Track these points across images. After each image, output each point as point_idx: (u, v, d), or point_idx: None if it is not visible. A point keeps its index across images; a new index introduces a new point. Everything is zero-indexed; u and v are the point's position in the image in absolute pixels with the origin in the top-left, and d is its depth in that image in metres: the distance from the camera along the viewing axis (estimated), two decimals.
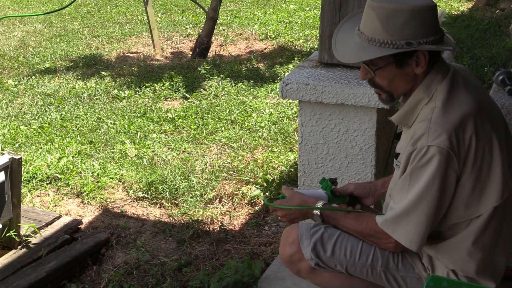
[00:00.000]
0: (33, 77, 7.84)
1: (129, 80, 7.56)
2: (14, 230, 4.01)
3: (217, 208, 4.64)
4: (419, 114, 2.51)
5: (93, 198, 4.83)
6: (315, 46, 8.58)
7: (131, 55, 8.87)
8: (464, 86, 2.51)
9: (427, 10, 2.40)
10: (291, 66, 7.87)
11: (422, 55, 2.44)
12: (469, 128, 2.38)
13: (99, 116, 6.43)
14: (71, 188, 4.98)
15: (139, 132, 5.99)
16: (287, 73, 4.53)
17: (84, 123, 6.25)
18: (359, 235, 2.70)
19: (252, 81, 7.33)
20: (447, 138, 2.34)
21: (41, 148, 5.68)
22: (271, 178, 4.90)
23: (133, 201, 4.80)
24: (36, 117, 6.46)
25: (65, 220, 4.37)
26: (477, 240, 2.52)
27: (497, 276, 2.63)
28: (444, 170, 2.37)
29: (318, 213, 2.71)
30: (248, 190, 4.82)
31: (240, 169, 5.16)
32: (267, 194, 4.69)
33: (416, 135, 2.43)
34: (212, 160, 5.37)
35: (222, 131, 5.98)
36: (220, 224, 4.43)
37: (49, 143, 5.78)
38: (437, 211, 2.44)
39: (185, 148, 5.63)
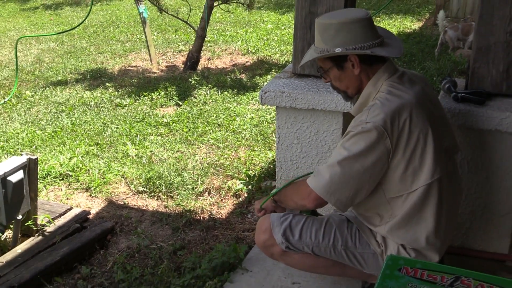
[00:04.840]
0: (47, 88, 7.79)
1: (129, 90, 7.53)
2: (32, 220, 3.99)
3: (206, 199, 4.62)
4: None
5: (100, 192, 4.80)
6: (290, 59, 8.59)
7: (131, 68, 8.83)
8: (409, 85, 2.60)
9: (354, 22, 2.54)
10: (269, 76, 7.87)
11: (354, 58, 2.58)
12: (404, 115, 2.46)
13: (104, 121, 6.39)
14: (81, 184, 4.94)
15: (138, 135, 5.96)
16: (265, 83, 4.52)
17: (91, 128, 6.22)
18: (296, 197, 2.74)
19: (235, 90, 7.32)
20: (383, 118, 2.43)
21: (55, 149, 5.64)
22: (253, 173, 4.89)
23: (134, 194, 4.77)
24: (50, 123, 6.42)
25: (75, 211, 4.35)
26: (416, 213, 2.57)
27: (440, 249, 2.67)
28: (375, 144, 2.44)
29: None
30: (233, 184, 4.81)
31: (226, 165, 5.15)
32: (250, 187, 4.69)
33: (358, 116, 2.54)
34: (202, 158, 5.35)
35: (210, 133, 5.96)
36: (209, 213, 4.41)
37: (61, 145, 5.74)
38: (364, 180, 2.50)
39: (178, 148, 5.61)
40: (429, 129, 2.49)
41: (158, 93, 7.28)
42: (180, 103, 6.94)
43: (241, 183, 4.77)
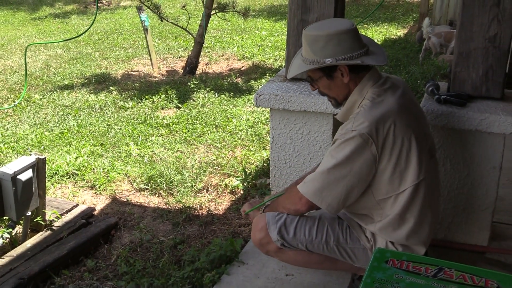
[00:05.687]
0: (54, 92, 7.77)
1: (132, 93, 7.52)
2: (40, 216, 3.99)
3: (204, 196, 4.62)
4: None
5: (104, 189, 4.79)
6: (283, 64, 8.59)
7: (134, 73, 8.82)
8: (391, 91, 2.58)
9: (342, 33, 2.50)
10: (263, 80, 7.87)
11: (343, 68, 2.55)
12: (389, 122, 2.45)
13: (108, 123, 6.38)
14: (86, 182, 4.93)
15: (140, 136, 5.95)
16: (260, 86, 4.51)
17: (96, 129, 6.21)
18: (288, 203, 2.75)
19: (232, 93, 7.32)
20: (368, 125, 2.42)
21: (62, 149, 5.63)
22: (248, 171, 4.89)
23: (137, 191, 4.76)
24: (57, 125, 6.41)
25: (81, 207, 4.35)
26: (405, 212, 2.58)
27: (426, 242, 2.68)
28: (362, 151, 2.43)
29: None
30: (230, 181, 4.81)
31: (223, 164, 5.14)
32: (245, 184, 4.70)
33: (345, 125, 2.53)
34: (200, 158, 5.35)
35: (208, 134, 5.96)
36: (207, 209, 4.41)
37: (68, 146, 5.73)
38: (352, 186, 2.50)
39: (178, 148, 5.60)
40: (412, 133, 2.49)
41: (159, 96, 7.27)
42: (180, 105, 6.93)
43: (238, 180, 4.76)
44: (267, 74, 8.23)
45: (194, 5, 13.67)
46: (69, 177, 5.03)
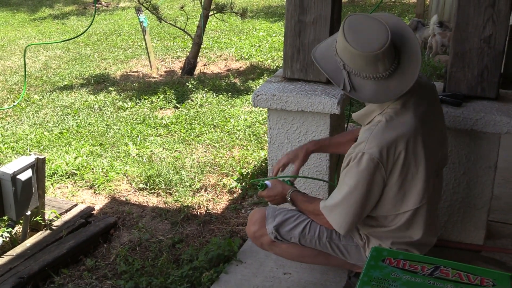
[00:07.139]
0: (54, 92, 7.76)
1: (131, 94, 7.51)
2: (40, 215, 3.99)
3: (203, 196, 4.62)
4: (371, 120, 2.52)
5: (103, 189, 4.79)
6: (280, 65, 8.58)
7: (133, 73, 8.81)
8: (413, 108, 2.47)
9: (376, 53, 2.32)
10: (261, 81, 7.87)
11: None
12: (400, 146, 2.39)
13: (107, 123, 6.38)
14: (85, 182, 4.93)
15: (139, 136, 5.95)
16: (258, 87, 4.50)
17: (95, 129, 6.20)
18: (309, 214, 2.76)
19: (230, 93, 7.32)
20: (379, 151, 2.37)
21: (61, 149, 5.62)
22: (246, 171, 4.89)
23: (135, 191, 4.76)
24: (57, 125, 6.40)
25: (81, 207, 4.34)
26: (403, 230, 2.58)
27: (423, 250, 2.68)
28: (372, 174, 2.40)
29: (289, 198, 2.78)
30: (228, 181, 4.81)
31: (221, 164, 5.14)
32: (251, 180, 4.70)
33: (359, 140, 2.48)
34: (199, 157, 5.34)
35: (206, 134, 5.96)
36: (205, 209, 4.41)
37: (67, 146, 5.72)
38: (363, 206, 2.48)
39: (176, 148, 5.60)
40: (423, 157, 2.44)
41: (157, 97, 7.26)
42: (178, 105, 6.93)
43: (235, 180, 4.76)
44: (265, 75, 8.23)
45: (192, 6, 13.66)
46: (68, 177, 5.03)
